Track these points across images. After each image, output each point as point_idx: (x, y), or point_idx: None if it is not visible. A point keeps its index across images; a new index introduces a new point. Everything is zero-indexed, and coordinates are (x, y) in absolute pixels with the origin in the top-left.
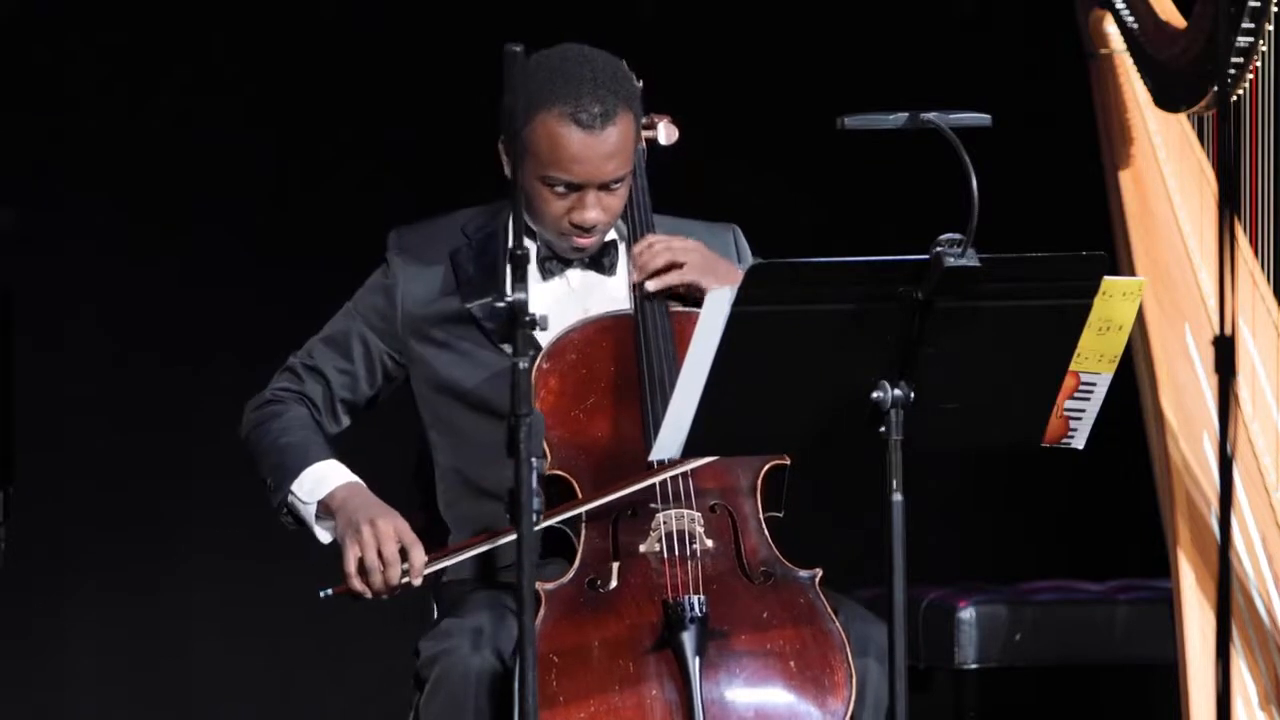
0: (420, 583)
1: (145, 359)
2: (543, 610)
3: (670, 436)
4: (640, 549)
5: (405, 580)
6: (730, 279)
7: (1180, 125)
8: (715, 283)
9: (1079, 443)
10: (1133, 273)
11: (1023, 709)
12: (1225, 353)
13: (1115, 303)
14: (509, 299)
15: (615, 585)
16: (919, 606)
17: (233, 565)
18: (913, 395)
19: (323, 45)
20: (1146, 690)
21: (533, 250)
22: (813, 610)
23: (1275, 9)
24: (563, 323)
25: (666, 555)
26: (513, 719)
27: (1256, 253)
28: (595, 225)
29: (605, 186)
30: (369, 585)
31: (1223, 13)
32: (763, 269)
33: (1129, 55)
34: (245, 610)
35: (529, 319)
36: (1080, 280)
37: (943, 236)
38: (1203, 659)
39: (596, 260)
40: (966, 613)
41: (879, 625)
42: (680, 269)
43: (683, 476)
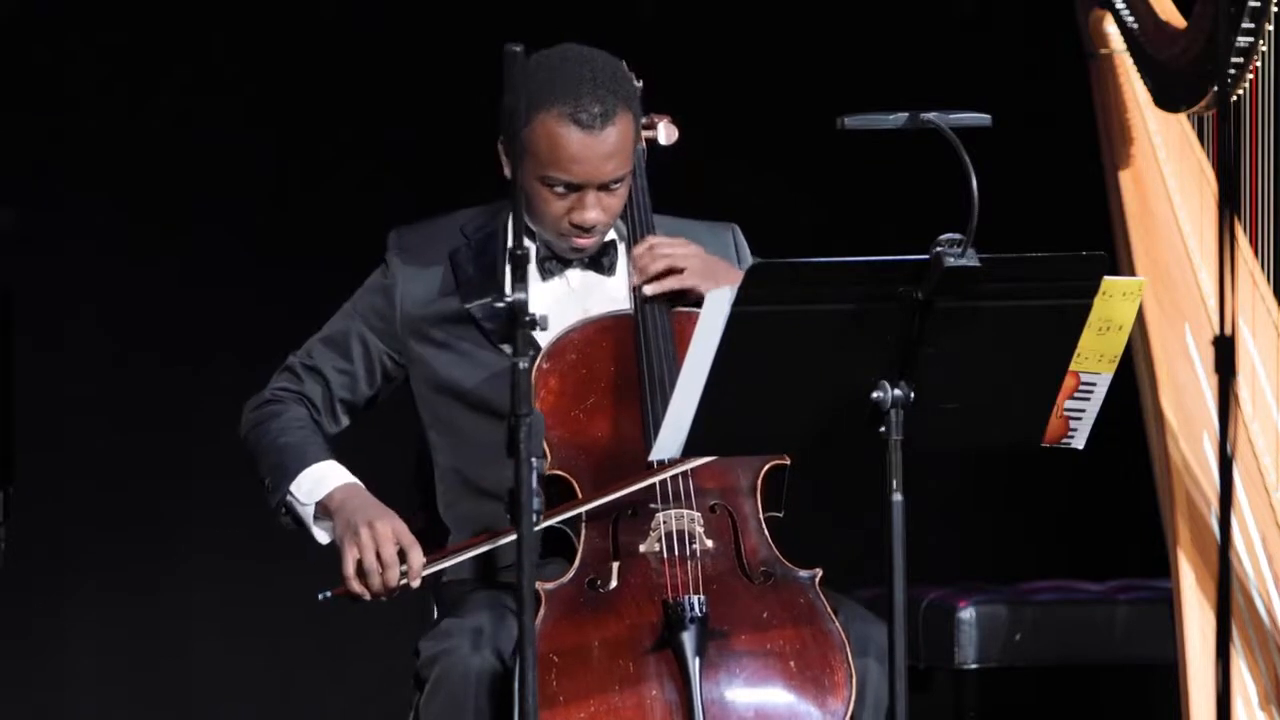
0: (419, 584)
1: (145, 359)
2: (543, 610)
3: (670, 436)
4: (640, 549)
5: (404, 582)
6: (729, 282)
7: (1180, 125)
8: (715, 287)
9: (1079, 443)
10: (1133, 273)
11: (1023, 709)
12: (1225, 353)
13: (1115, 303)
14: (509, 299)
15: (615, 585)
16: (919, 606)
17: (233, 565)
18: (913, 395)
19: (323, 45)
20: (1146, 690)
21: (532, 250)
22: (813, 610)
23: (1275, 9)
24: (562, 323)
25: (666, 555)
26: (513, 719)
27: (1256, 253)
28: (595, 225)
29: (605, 187)
30: (367, 587)
31: (1223, 13)
32: (763, 269)
33: (1129, 55)
34: (245, 610)
35: (529, 319)
36: (1080, 280)
37: (943, 236)
38: (1203, 659)
39: (596, 260)
40: (966, 613)
41: (879, 625)
42: (680, 274)
43: (683, 476)
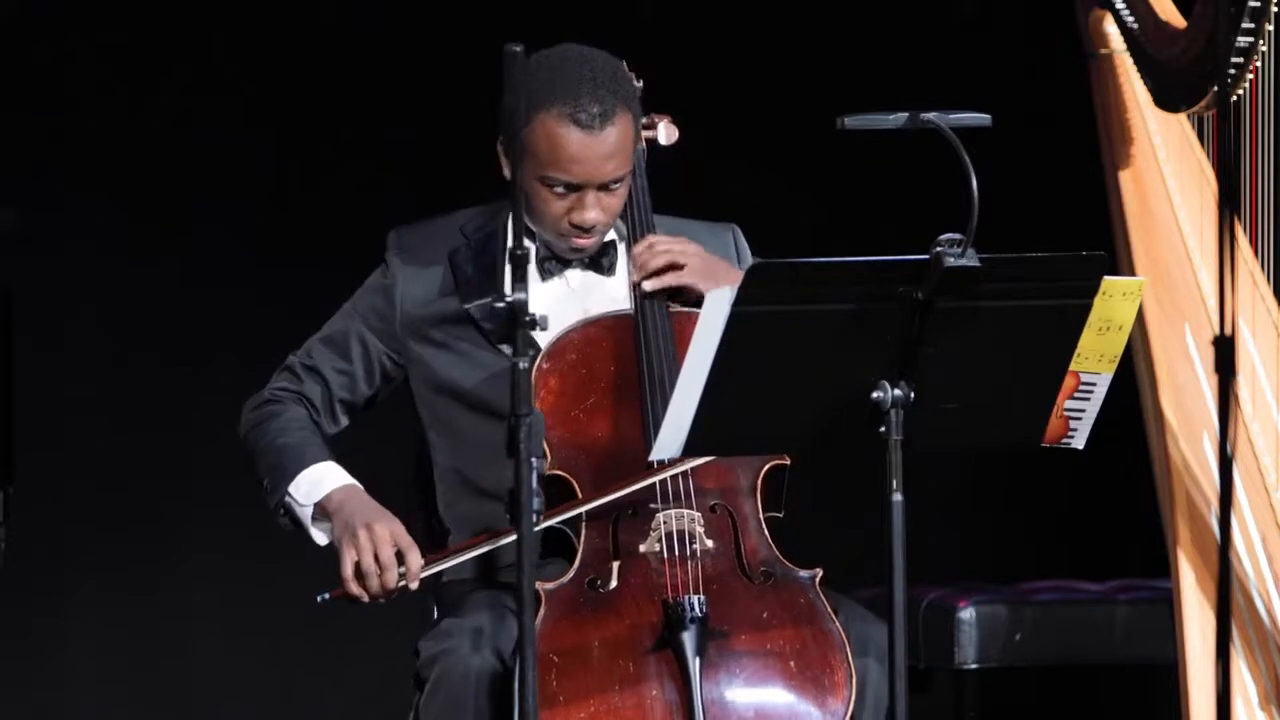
0: (417, 586)
1: (145, 359)
2: (543, 610)
3: (670, 436)
4: (640, 549)
5: (402, 584)
6: (729, 282)
7: (1180, 125)
8: (714, 287)
9: (1079, 443)
10: (1133, 273)
11: (1023, 709)
12: (1225, 353)
13: (1115, 303)
14: (509, 299)
15: (615, 585)
16: (919, 606)
17: (233, 565)
18: (913, 395)
19: (323, 45)
20: (1146, 690)
21: (532, 250)
22: (813, 610)
23: (1275, 9)
24: (562, 323)
25: (666, 555)
26: (513, 719)
27: (1256, 253)
28: (594, 225)
29: (604, 187)
30: (366, 590)
31: (1223, 13)
32: (763, 269)
33: (1129, 55)
34: (245, 610)
35: (529, 319)
36: (1080, 280)
37: (943, 236)
38: (1203, 659)
39: (596, 260)
40: (966, 613)
41: (879, 625)
42: (679, 271)
43: (683, 476)
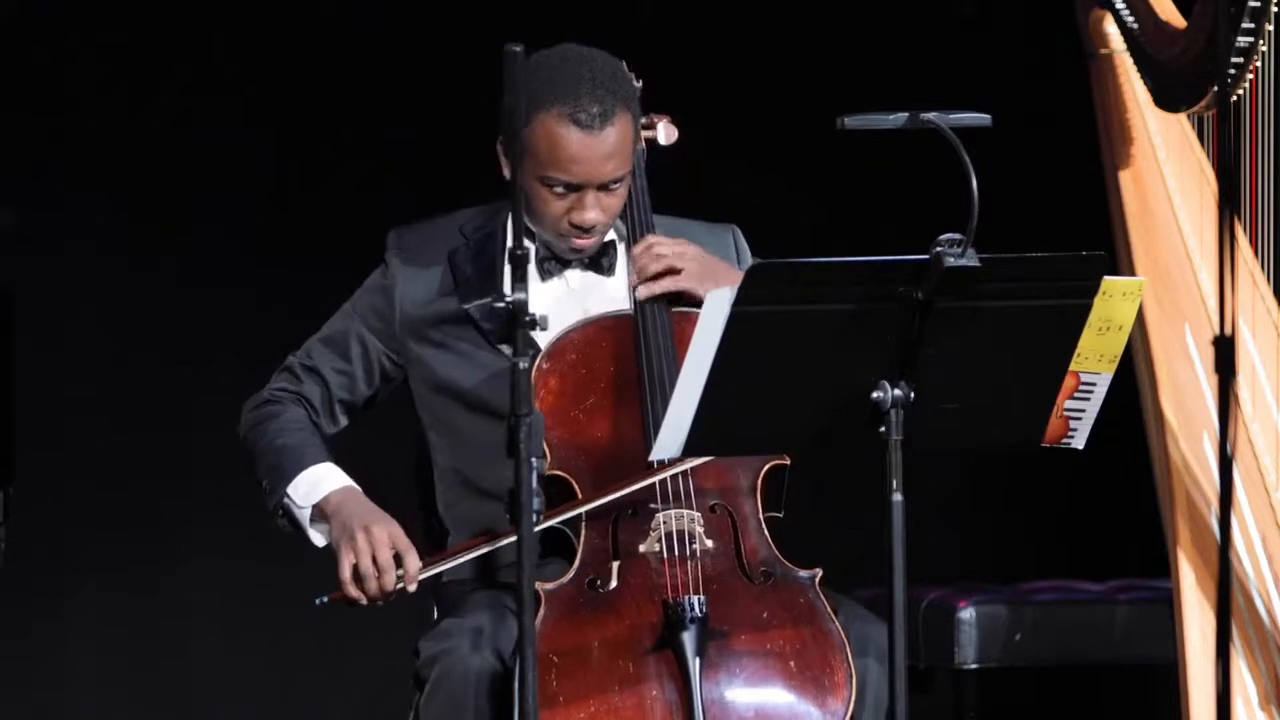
0: (415, 589)
1: (145, 359)
2: (543, 610)
3: (670, 436)
4: (640, 549)
5: (400, 587)
6: (728, 283)
7: (1180, 125)
8: (713, 289)
9: (1079, 443)
10: (1133, 273)
11: (1023, 709)
12: (1225, 353)
13: (1115, 303)
14: (509, 299)
15: (615, 585)
16: (919, 606)
17: (233, 565)
18: (913, 395)
19: (323, 45)
20: (1146, 690)
21: (531, 251)
22: (813, 610)
23: (1275, 9)
24: (562, 323)
25: (666, 555)
26: (513, 719)
27: (1256, 253)
28: (594, 225)
29: (604, 187)
30: (364, 592)
31: (1223, 13)
32: (763, 269)
33: (1129, 55)
34: (245, 610)
35: (529, 319)
36: (1080, 280)
37: (943, 236)
38: (1203, 659)
39: (595, 261)
40: (966, 613)
41: (879, 625)
42: (677, 275)
43: (683, 476)
